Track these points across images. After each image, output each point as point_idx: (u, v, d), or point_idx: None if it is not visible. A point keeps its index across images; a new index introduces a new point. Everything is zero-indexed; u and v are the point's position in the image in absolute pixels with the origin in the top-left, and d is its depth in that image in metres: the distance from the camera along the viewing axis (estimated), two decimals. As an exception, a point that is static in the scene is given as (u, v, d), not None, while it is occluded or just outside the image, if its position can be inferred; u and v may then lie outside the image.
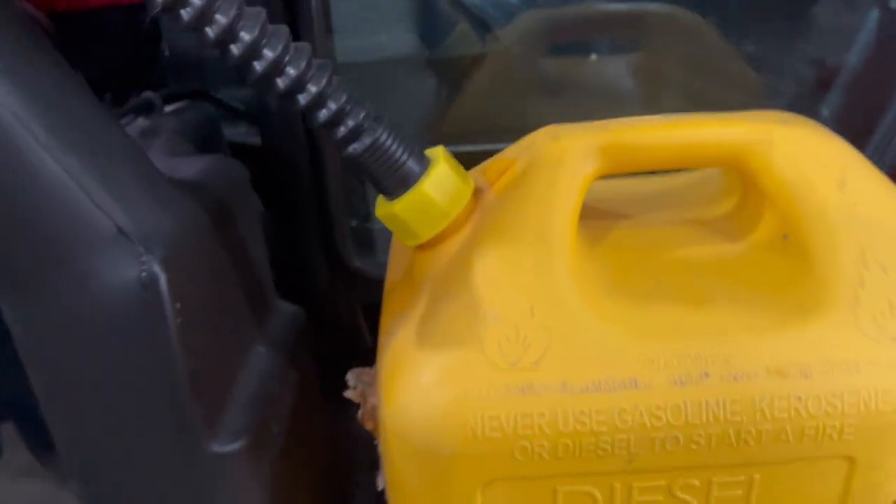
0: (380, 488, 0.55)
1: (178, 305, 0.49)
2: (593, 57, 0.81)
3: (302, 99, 0.47)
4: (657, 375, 0.43)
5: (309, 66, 0.46)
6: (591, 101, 0.80)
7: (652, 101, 0.80)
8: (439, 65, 0.80)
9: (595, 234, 0.53)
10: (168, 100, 0.82)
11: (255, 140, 0.79)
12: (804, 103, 0.83)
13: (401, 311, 0.52)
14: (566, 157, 0.48)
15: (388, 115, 0.50)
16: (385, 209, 0.51)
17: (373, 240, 0.78)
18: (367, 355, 0.85)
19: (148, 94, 0.78)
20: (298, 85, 0.46)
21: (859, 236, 0.46)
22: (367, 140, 0.48)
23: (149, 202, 0.50)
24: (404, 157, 0.49)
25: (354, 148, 0.48)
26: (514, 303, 0.45)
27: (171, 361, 0.50)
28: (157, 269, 0.48)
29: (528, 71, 0.80)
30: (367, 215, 0.78)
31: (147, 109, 0.78)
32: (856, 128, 0.78)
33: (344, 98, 0.48)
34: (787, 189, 0.48)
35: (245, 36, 0.44)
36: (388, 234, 0.76)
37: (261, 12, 0.45)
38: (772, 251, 0.49)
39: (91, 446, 0.52)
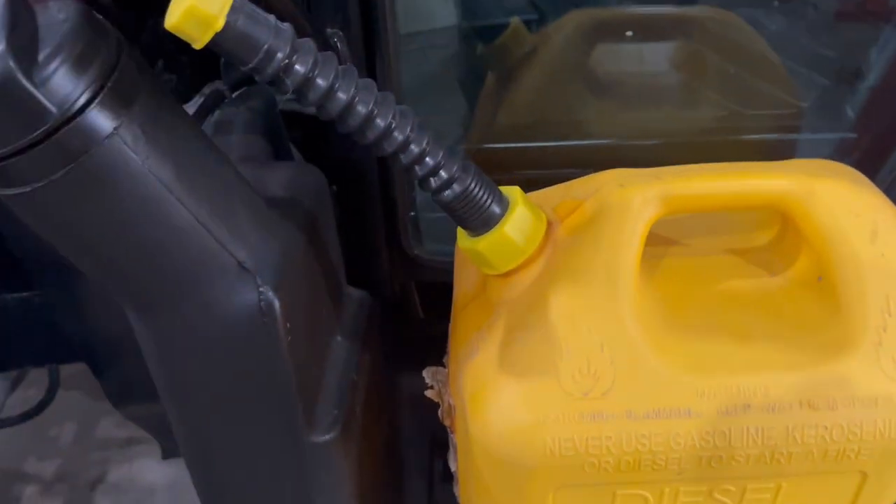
0: (453, 470, 0.65)
1: (288, 325, 0.57)
2: (637, 54, 0.85)
3: (404, 159, 0.52)
4: (707, 406, 0.51)
5: (412, 129, 0.52)
6: (635, 95, 0.85)
7: (692, 95, 0.85)
8: (492, 59, 0.84)
9: (652, 262, 0.60)
10: (232, 87, 0.87)
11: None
12: (832, 98, 0.88)
13: (477, 329, 0.59)
14: (631, 205, 0.55)
15: (474, 164, 0.56)
16: (468, 244, 0.57)
17: (424, 229, 0.85)
18: (419, 326, 0.94)
19: (218, 86, 0.83)
20: (403, 146, 0.52)
21: (885, 284, 0.53)
22: (457, 188, 0.54)
23: (259, 233, 0.57)
24: (488, 201, 0.55)
25: (446, 195, 0.55)
26: (585, 339, 0.53)
27: (282, 371, 0.58)
28: (272, 296, 0.56)
29: (576, 68, 0.84)
30: (421, 205, 0.84)
31: (218, 101, 0.83)
32: (880, 128, 0.83)
33: (441, 154, 0.53)
34: (823, 236, 0.55)
35: (361, 109, 0.50)
36: (436, 225, 0.83)
37: (373, 85, 0.50)
38: (807, 289, 0.57)
39: (209, 443, 0.61)
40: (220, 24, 0.43)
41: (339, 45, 0.68)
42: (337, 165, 0.75)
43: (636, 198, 0.55)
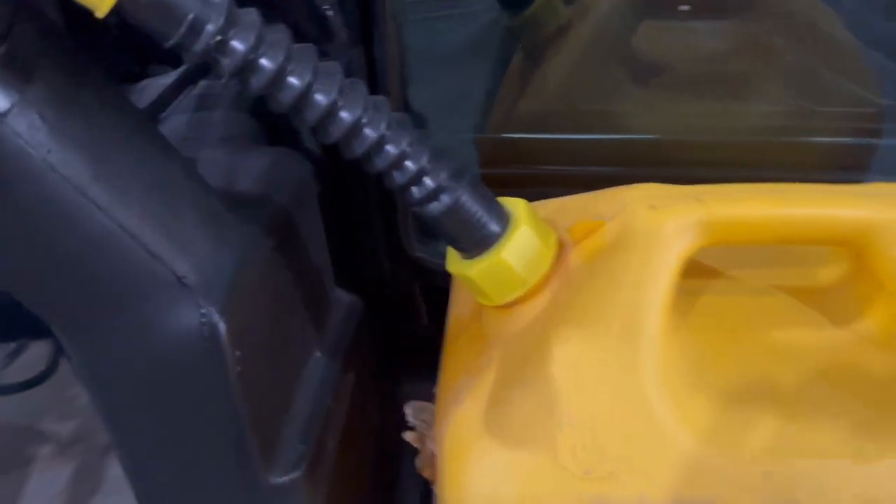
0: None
1: (238, 353, 0.47)
2: (688, 34, 0.73)
3: (378, 162, 0.42)
4: (742, 498, 0.41)
5: (388, 125, 0.41)
6: (683, 84, 0.72)
7: (750, 86, 0.72)
8: (519, 33, 0.72)
9: (682, 300, 0.49)
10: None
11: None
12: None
13: (467, 368, 0.49)
14: (663, 232, 0.44)
15: (469, 172, 0.45)
16: (458, 268, 0.47)
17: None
18: (423, 333, 0.84)
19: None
20: (376, 147, 0.41)
21: None
22: (446, 200, 0.44)
23: (210, 241, 0.47)
24: (484, 217, 0.45)
25: (432, 208, 0.44)
26: (593, 403, 0.42)
27: (231, 406, 0.49)
28: (216, 318, 0.46)
29: (616, 47, 0.72)
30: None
31: (204, 71, 0.73)
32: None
33: (425, 156, 0.43)
34: (909, 284, 0.43)
35: (320, 98, 0.39)
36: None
37: (336, 69, 0.40)
38: (881, 349, 0.45)
39: (154, 480, 0.52)
40: (122, -14, 0.33)
41: (330, 13, 0.58)
42: (330, 152, 0.65)
43: (669, 223, 0.44)
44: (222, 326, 0.46)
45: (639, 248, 0.44)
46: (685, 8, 0.73)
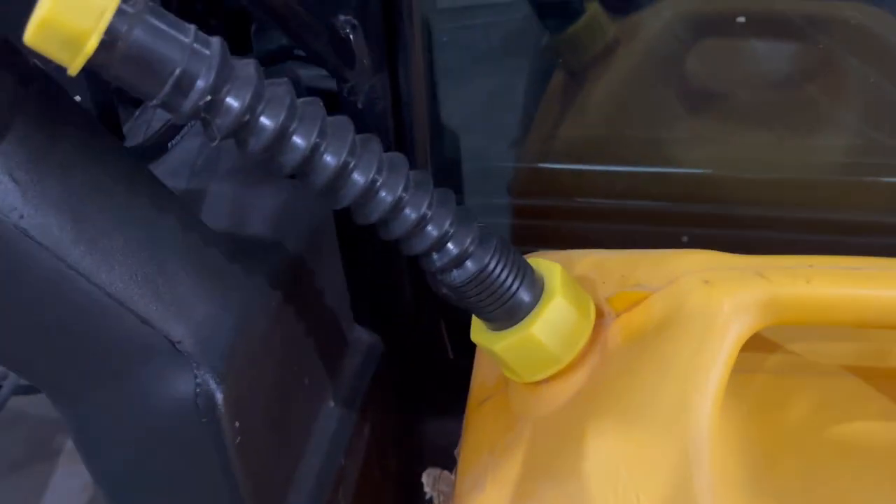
0: None
1: (238, 424, 0.43)
2: (747, 57, 0.66)
3: (396, 229, 0.37)
4: None
5: (406, 186, 0.36)
6: (740, 112, 0.65)
7: (817, 116, 0.65)
8: (560, 54, 0.66)
9: (738, 383, 0.43)
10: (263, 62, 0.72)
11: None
12: None
13: (490, 444, 0.44)
14: (719, 313, 0.38)
15: (497, 235, 0.39)
16: (483, 340, 0.42)
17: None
18: (447, 369, 0.79)
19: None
20: (393, 211, 0.36)
21: None
22: (471, 268, 0.39)
23: (207, 301, 0.42)
24: (515, 286, 0.39)
25: (455, 277, 0.39)
26: (632, 508, 0.37)
27: (230, 478, 0.44)
28: (213, 386, 0.42)
29: (667, 71, 0.65)
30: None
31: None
32: None
33: (449, 219, 0.37)
34: None
35: (329, 160, 0.34)
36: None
37: (347, 124, 0.35)
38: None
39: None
40: (93, 43, 0.28)
41: (351, 36, 0.53)
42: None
43: (727, 302, 0.38)
44: (219, 396, 0.42)
45: (691, 329, 0.38)
46: (742, 20, 0.66)
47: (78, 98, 0.46)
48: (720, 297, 0.38)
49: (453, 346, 0.76)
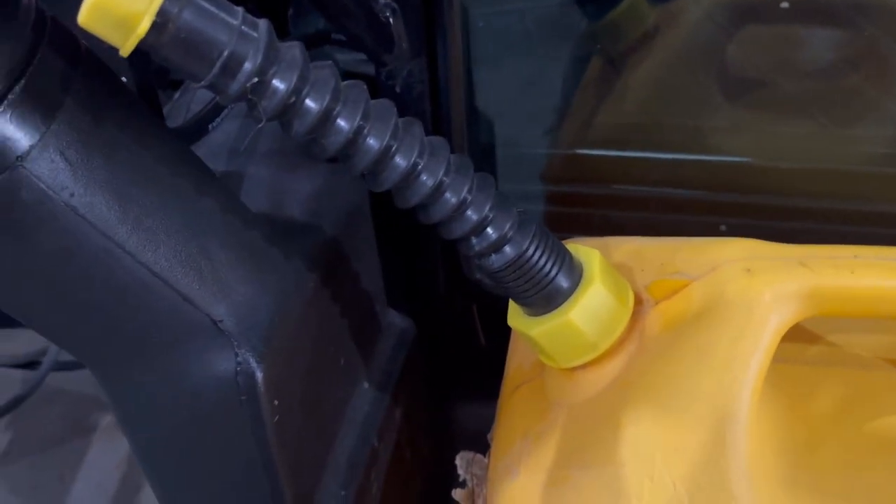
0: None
1: (276, 402, 0.44)
2: (791, 44, 0.64)
3: (434, 213, 0.37)
4: None
5: (447, 170, 0.36)
6: (783, 101, 0.64)
7: (863, 106, 0.64)
8: (599, 39, 0.66)
9: (776, 368, 0.42)
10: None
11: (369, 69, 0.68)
12: None
13: (524, 430, 0.44)
14: (760, 303, 0.38)
15: (536, 220, 0.39)
16: (520, 325, 0.42)
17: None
18: (478, 354, 0.80)
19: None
20: (433, 195, 0.36)
21: None
22: (510, 253, 0.39)
23: (248, 281, 0.43)
24: (553, 271, 0.39)
25: (493, 261, 0.39)
26: (667, 496, 0.37)
27: (267, 456, 0.45)
28: (254, 365, 0.42)
29: (709, 58, 0.65)
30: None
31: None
32: None
33: (488, 203, 0.38)
34: None
35: (373, 143, 0.34)
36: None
37: (390, 108, 0.35)
38: None
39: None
40: (145, 25, 0.28)
41: (391, 20, 0.53)
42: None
43: (768, 292, 0.38)
44: (259, 375, 0.42)
45: (731, 318, 0.38)
46: (785, 5, 0.65)
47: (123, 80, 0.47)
48: (762, 287, 0.38)
49: (485, 331, 0.76)
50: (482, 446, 0.60)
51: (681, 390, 0.38)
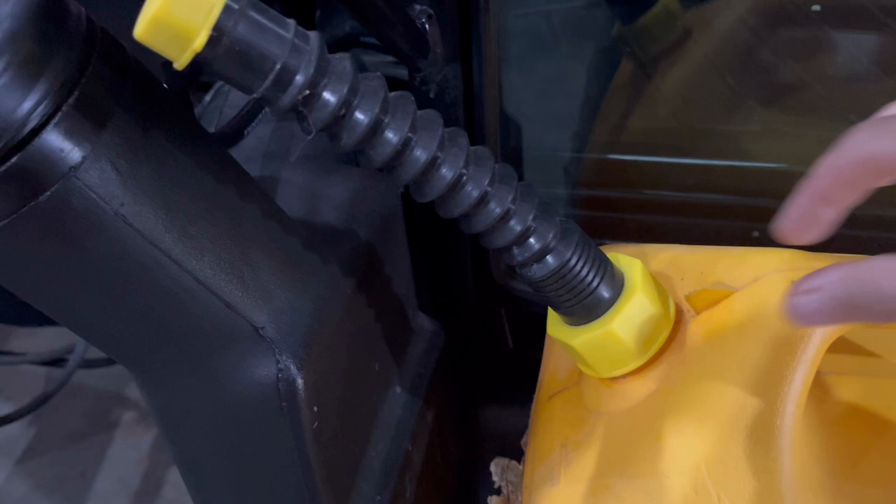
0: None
1: (316, 408, 0.44)
2: (829, 47, 0.64)
3: (477, 223, 0.37)
4: None
5: (491, 179, 0.36)
6: (820, 106, 0.64)
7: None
8: (631, 43, 0.66)
9: (821, 382, 0.42)
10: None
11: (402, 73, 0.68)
12: None
13: (562, 440, 0.44)
14: (806, 314, 0.37)
15: (579, 229, 0.39)
16: (560, 334, 0.42)
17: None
18: (506, 358, 0.80)
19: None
20: (477, 205, 0.36)
21: None
22: (552, 263, 0.39)
23: (288, 288, 0.43)
24: (595, 281, 0.39)
25: (534, 271, 0.39)
26: (712, 509, 0.37)
27: (304, 461, 0.45)
28: (294, 372, 0.43)
29: (741, 61, 0.64)
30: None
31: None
32: None
33: (532, 213, 0.38)
34: None
35: (420, 154, 0.34)
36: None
37: (436, 119, 0.35)
38: None
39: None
40: (202, 39, 0.28)
41: (427, 26, 0.53)
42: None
43: (814, 303, 0.37)
44: (300, 382, 0.43)
45: (775, 329, 0.38)
46: (816, 8, 0.65)
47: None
48: (806, 298, 0.38)
49: (513, 335, 0.76)
50: (510, 448, 0.60)
51: (725, 402, 0.38)
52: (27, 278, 0.37)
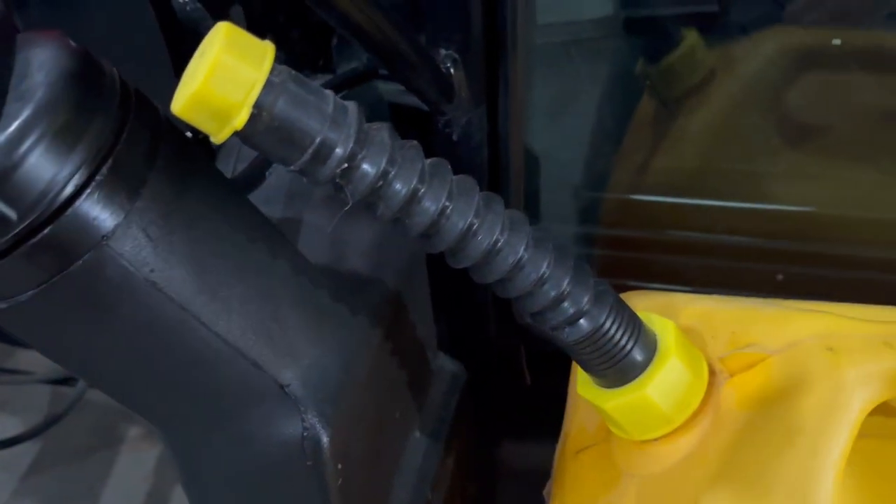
0: None
1: (340, 466, 0.43)
2: (854, 90, 0.63)
3: (513, 288, 0.36)
4: None
5: (527, 245, 0.36)
6: (846, 146, 0.63)
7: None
8: (655, 82, 0.65)
9: (858, 446, 0.41)
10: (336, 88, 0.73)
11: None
12: None
13: (592, 497, 0.43)
14: (845, 383, 0.37)
15: (613, 292, 0.39)
16: (593, 397, 0.41)
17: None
18: (525, 396, 0.79)
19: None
20: (513, 271, 0.36)
21: None
22: (585, 327, 0.38)
23: (315, 343, 0.43)
24: (629, 345, 0.39)
25: (568, 334, 0.38)
26: (749, 583, 0.36)
27: (329, 517, 0.45)
28: (320, 430, 0.42)
29: (768, 104, 0.64)
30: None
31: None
32: None
33: (567, 278, 0.37)
34: None
35: (458, 222, 0.34)
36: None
37: (472, 185, 0.34)
38: None
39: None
40: (243, 117, 0.28)
41: (452, 71, 0.52)
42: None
43: (852, 373, 0.37)
44: (325, 440, 0.42)
45: (814, 398, 0.37)
46: (837, 42, 0.64)
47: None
48: (846, 367, 0.37)
49: (531, 372, 0.75)
50: (526, 485, 0.59)
51: (763, 470, 0.37)
52: (57, 343, 0.36)
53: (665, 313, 0.43)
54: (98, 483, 1.33)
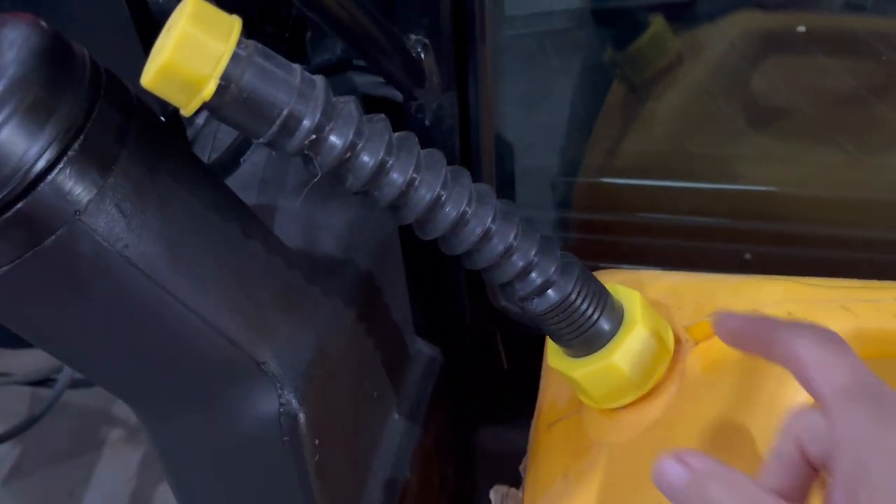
0: None
1: (317, 441, 0.44)
2: (817, 73, 0.65)
3: (481, 259, 0.37)
4: None
5: (494, 217, 0.37)
6: (808, 127, 0.65)
7: (889, 134, 0.64)
8: (623, 68, 0.66)
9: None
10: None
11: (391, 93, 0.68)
12: None
13: (563, 467, 0.44)
14: (804, 346, 0.38)
15: (580, 263, 0.40)
16: (562, 366, 0.42)
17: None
18: (502, 380, 0.80)
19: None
20: (481, 242, 0.37)
21: None
22: (553, 297, 0.39)
23: (290, 322, 0.43)
24: (595, 314, 0.40)
25: (537, 305, 0.39)
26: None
27: (308, 494, 0.45)
28: (295, 405, 0.43)
29: (732, 87, 0.65)
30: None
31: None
32: None
33: (534, 248, 0.38)
34: None
35: (424, 193, 0.35)
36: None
37: (440, 158, 0.35)
38: None
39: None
40: (210, 88, 0.29)
41: (422, 56, 0.53)
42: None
43: (811, 336, 0.38)
44: (301, 416, 0.43)
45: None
46: (801, 29, 0.66)
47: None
48: (804, 330, 0.38)
49: (507, 356, 0.76)
50: (506, 470, 0.60)
51: (726, 433, 0.38)
52: (32, 320, 0.36)
53: (633, 289, 0.44)
54: (79, 487, 1.32)
